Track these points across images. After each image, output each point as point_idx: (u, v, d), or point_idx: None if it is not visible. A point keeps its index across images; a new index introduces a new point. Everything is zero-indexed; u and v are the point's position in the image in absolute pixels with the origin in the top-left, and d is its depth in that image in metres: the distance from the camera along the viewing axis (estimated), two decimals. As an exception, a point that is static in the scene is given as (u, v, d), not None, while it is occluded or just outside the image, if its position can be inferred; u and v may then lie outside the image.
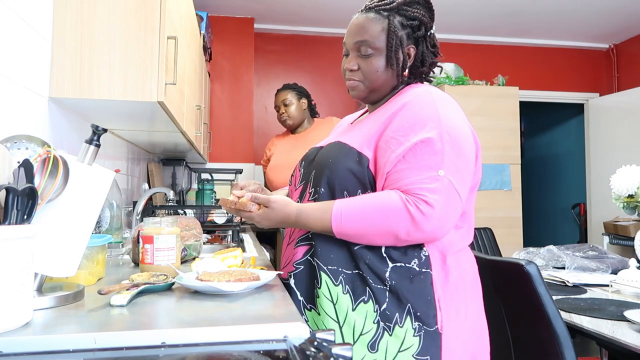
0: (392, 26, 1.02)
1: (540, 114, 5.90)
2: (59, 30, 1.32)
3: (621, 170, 1.97)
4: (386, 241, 0.93)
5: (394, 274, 0.95)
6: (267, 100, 4.32)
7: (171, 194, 2.08)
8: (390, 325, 0.94)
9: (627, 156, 4.24)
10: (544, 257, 2.28)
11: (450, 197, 0.92)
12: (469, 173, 0.98)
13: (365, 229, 0.92)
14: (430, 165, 0.92)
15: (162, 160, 3.30)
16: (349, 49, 1.09)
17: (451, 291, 0.98)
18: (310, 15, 4.12)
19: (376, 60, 1.04)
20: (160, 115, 1.58)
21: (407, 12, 1.04)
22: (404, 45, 1.04)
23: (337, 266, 0.98)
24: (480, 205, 4.14)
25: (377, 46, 1.03)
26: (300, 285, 1.03)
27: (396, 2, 1.04)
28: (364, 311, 0.95)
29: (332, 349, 0.63)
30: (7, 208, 0.74)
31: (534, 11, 4.08)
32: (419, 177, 0.91)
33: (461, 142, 0.96)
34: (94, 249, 1.04)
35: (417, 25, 1.05)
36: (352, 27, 1.08)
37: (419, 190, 0.90)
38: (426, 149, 0.93)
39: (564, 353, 1.26)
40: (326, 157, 1.05)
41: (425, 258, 0.97)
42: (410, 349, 0.93)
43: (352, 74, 1.07)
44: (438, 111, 0.97)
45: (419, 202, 0.89)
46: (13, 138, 0.90)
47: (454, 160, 0.94)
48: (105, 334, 0.66)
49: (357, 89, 1.08)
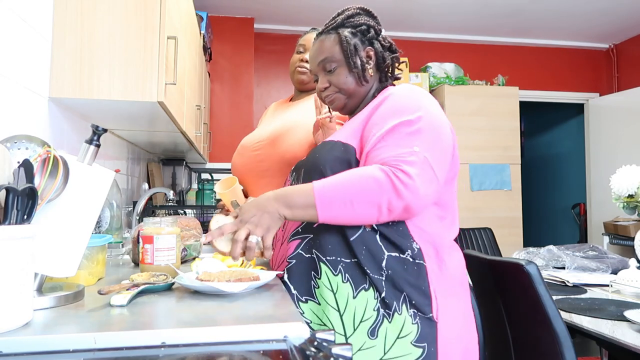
0: (343, 37, 1.12)
1: (540, 114, 5.90)
2: (59, 30, 1.32)
3: (621, 170, 1.97)
4: (371, 211, 0.94)
5: (390, 263, 0.99)
6: (267, 100, 4.32)
7: (171, 194, 2.08)
8: (390, 312, 0.97)
9: (627, 156, 4.24)
10: (544, 257, 2.28)
11: (425, 171, 0.95)
12: (445, 158, 1.02)
13: (348, 197, 0.93)
14: (407, 143, 0.97)
15: (162, 160, 3.31)
16: (316, 73, 1.18)
17: (445, 284, 1.01)
18: (310, 15, 4.12)
19: (341, 70, 1.13)
20: (160, 115, 1.58)
21: (352, 22, 1.14)
22: (360, 50, 1.12)
23: (335, 256, 1.00)
24: (480, 205, 4.14)
25: (337, 58, 1.12)
26: (294, 278, 1.05)
27: (340, 19, 1.15)
28: (365, 299, 0.98)
29: (332, 349, 0.63)
30: (7, 208, 0.74)
31: (534, 11, 4.08)
32: (396, 152, 0.96)
33: (438, 128, 1.02)
34: (94, 249, 1.04)
35: (365, 29, 1.14)
36: (311, 53, 1.18)
37: (396, 162, 0.95)
38: (404, 129, 0.99)
39: (564, 353, 1.26)
40: (313, 154, 1.10)
41: (417, 250, 1.00)
42: (408, 335, 0.96)
43: (326, 90, 1.15)
44: (419, 100, 1.04)
45: (397, 172, 0.93)
46: (13, 138, 0.90)
47: (430, 141, 0.99)
48: (105, 334, 0.66)
49: (335, 101, 1.15)
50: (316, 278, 1.02)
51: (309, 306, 1.03)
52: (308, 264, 1.04)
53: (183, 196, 3.39)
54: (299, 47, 1.58)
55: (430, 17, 4.21)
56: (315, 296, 1.02)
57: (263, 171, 1.44)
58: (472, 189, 4.12)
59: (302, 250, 1.05)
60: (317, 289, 1.02)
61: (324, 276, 1.01)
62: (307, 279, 1.03)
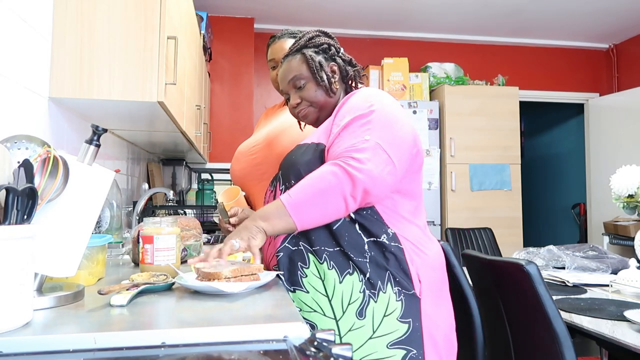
0: (308, 55, 1.21)
1: (540, 114, 5.90)
2: (59, 30, 1.32)
3: (621, 170, 1.97)
4: (338, 204, 1.00)
5: (371, 246, 1.07)
6: (267, 100, 4.32)
7: (171, 194, 2.08)
8: (375, 292, 1.04)
9: (627, 156, 4.24)
10: (544, 257, 2.28)
11: (377, 155, 1.02)
12: (401, 142, 1.08)
13: (314, 197, 1.00)
14: (359, 133, 1.05)
15: (162, 160, 3.31)
16: (287, 91, 1.25)
17: (423, 266, 1.09)
18: (310, 15, 4.12)
19: (310, 86, 1.21)
20: (160, 115, 1.58)
21: (314, 42, 1.24)
22: (325, 66, 1.21)
23: (319, 246, 1.08)
24: (480, 205, 4.14)
25: (305, 75, 1.21)
26: (281, 270, 1.11)
27: (302, 41, 1.24)
28: (350, 282, 1.05)
29: (332, 349, 0.63)
30: (7, 208, 0.74)
31: (534, 11, 4.08)
32: (348, 144, 1.04)
33: (391, 118, 1.09)
34: (94, 249, 1.04)
35: (326, 47, 1.24)
36: (281, 74, 1.26)
37: (347, 152, 1.02)
38: (357, 122, 1.07)
39: (564, 353, 1.26)
40: (289, 157, 1.17)
41: (392, 234, 1.08)
42: (394, 312, 1.04)
43: (299, 106, 1.23)
44: (370, 97, 1.13)
45: (348, 160, 1.01)
46: (13, 138, 0.90)
47: (382, 129, 1.06)
48: (105, 334, 0.66)
49: (308, 115, 1.23)
50: (304, 268, 1.09)
51: (297, 295, 1.10)
52: (294, 256, 1.11)
53: (183, 196, 3.39)
54: (270, 63, 1.56)
55: (430, 17, 4.21)
56: (303, 285, 1.09)
57: (261, 174, 1.44)
58: (472, 189, 4.12)
59: (288, 244, 1.12)
60: (304, 278, 1.09)
61: (312, 265, 1.09)
62: (294, 270, 1.10)
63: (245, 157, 1.50)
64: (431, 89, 4.31)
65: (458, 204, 4.08)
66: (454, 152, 4.10)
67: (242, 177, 1.50)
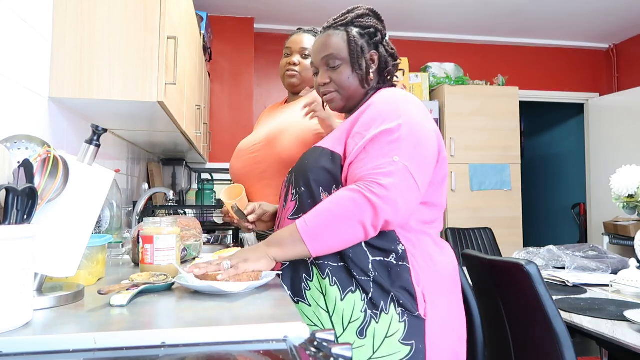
0: (352, 36, 1.11)
1: (540, 114, 5.90)
2: (59, 30, 1.32)
3: (621, 170, 1.97)
4: (357, 232, 0.95)
5: (375, 266, 1.01)
6: (267, 100, 4.32)
7: (171, 194, 2.08)
8: (377, 312, 0.99)
9: (627, 156, 4.24)
10: (544, 257, 2.28)
11: (405, 180, 0.96)
12: (427, 164, 1.02)
13: (330, 224, 0.95)
14: (387, 152, 0.98)
15: (162, 160, 3.30)
16: (318, 66, 1.16)
17: (433, 282, 1.03)
18: (310, 15, 4.12)
19: (344, 69, 1.12)
20: (160, 115, 1.58)
21: (362, 23, 1.13)
22: (366, 52, 1.12)
23: (323, 260, 1.02)
24: (480, 205, 4.14)
25: (342, 56, 1.12)
26: (286, 281, 1.08)
27: (350, 17, 1.14)
28: (352, 301, 1.00)
29: (332, 349, 0.63)
30: (7, 208, 0.74)
31: (534, 11, 4.08)
32: (375, 164, 0.97)
33: (419, 134, 1.02)
34: (94, 249, 1.04)
35: (373, 32, 1.14)
36: (316, 45, 1.16)
37: (374, 176, 0.96)
38: (384, 138, 1.00)
39: (564, 353, 1.26)
40: (303, 160, 1.12)
41: (402, 252, 1.01)
42: (396, 334, 0.98)
43: (326, 87, 1.14)
44: (399, 107, 1.04)
45: (372, 186, 0.94)
46: (13, 138, 0.90)
47: (411, 149, 0.99)
48: (105, 334, 0.66)
49: (334, 100, 1.15)
50: (308, 280, 1.05)
51: (300, 307, 1.05)
52: (299, 267, 1.06)
53: (183, 196, 3.39)
54: (286, 50, 1.56)
55: (430, 17, 4.21)
56: (306, 297, 1.05)
57: (261, 172, 1.44)
58: (472, 189, 4.12)
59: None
60: (308, 290, 1.05)
61: (315, 279, 1.04)
62: (298, 281, 1.06)
63: (246, 155, 1.50)
64: (431, 89, 4.31)
65: (458, 204, 4.08)
66: (454, 152, 4.10)
67: (241, 175, 1.50)
